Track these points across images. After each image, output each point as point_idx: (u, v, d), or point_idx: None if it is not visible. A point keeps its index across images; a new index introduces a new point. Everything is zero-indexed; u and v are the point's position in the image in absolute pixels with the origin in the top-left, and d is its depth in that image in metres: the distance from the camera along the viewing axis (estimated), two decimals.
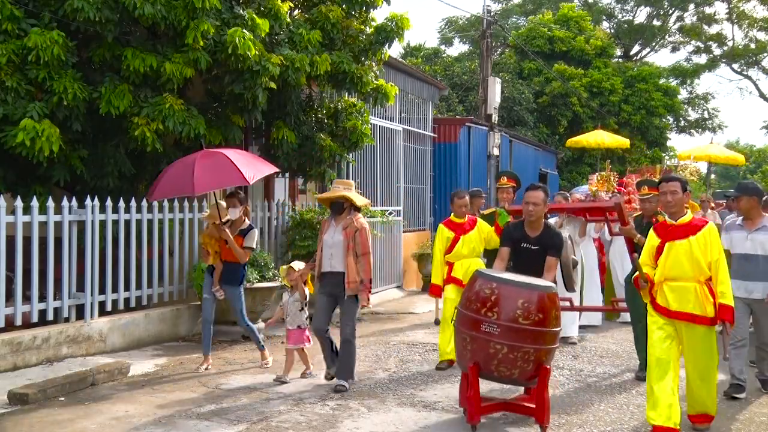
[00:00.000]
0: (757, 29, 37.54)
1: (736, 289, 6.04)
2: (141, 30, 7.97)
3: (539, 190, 5.85)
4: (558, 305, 5.09)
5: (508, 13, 37.86)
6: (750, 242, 6.44)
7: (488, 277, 5.09)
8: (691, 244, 5.19)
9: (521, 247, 5.86)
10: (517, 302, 4.89)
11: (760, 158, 53.79)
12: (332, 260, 6.51)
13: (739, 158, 18.77)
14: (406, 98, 14.59)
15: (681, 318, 5.21)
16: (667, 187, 5.35)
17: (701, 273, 5.21)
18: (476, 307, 4.97)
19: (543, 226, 5.87)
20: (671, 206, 5.32)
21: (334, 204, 6.59)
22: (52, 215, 7.24)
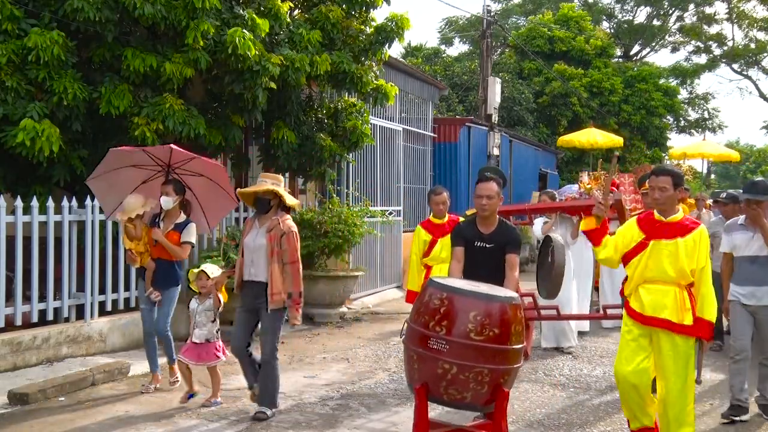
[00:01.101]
0: (757, 29, 37.54)
1: (741, 296, 5.76)
2: (141, 30, 7.97)
3: (492, 182, 5.28)
4: (520, 319, 4.37)
5: (508, 13, 37.85)
6: (757, 243, 5.79)
7: (439, 285, 4.38)
8: (679, 246, 4.63)
9: (475, 246, 5.26)
10: (469, 315, 4.19)
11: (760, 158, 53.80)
12: (253, 267, 5.58)
13: (733, 155, 18.70)
14: (406, 98, 14.59)
15: (655, 324, 4.65)
16: (656, 182, 4.72)
17: (683, 277, 4.66)
18: (424, 320, 4.28)
19: (497, 221, 5.30)
20: (659, 204, 4.72)
21: (259, 201, 5.66)
22: (52, 215, 7.24)
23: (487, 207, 5.19)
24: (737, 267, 5.90)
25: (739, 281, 5.85)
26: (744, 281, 5.82)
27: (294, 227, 5.62)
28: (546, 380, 7.03)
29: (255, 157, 10.24)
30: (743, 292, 5.79)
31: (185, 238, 6.24)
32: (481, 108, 18.06)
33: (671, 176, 4.71)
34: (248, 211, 9.77)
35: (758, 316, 5.77)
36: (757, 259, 5.78)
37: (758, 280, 5.75)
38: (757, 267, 5.76)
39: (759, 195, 5.74)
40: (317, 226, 9.87)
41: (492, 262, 5.17)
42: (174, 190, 6.15)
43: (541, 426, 5.62)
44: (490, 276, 4.90)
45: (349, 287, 10.46)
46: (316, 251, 9.97)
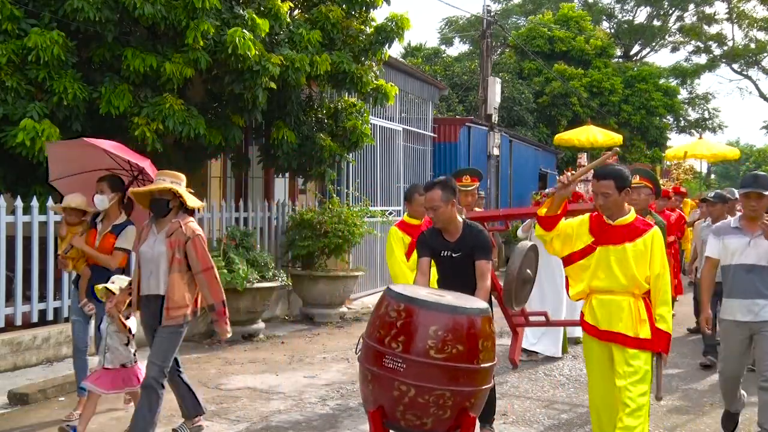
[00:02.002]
0: (757, 29, 37.55)
1: (737, 311, 5.03)
2: (141, 30, 7.97)
3: (435, 188, 4.65)
4: (490, 333, 3.83)
5: (508, 13, 37.86)
6: (753, 249, 5.02)
7: (396, 295, 3.82)
8: (627, 251, 4.23)
9: (442, 256, 4.75)
10: (429, 329, 3.66)
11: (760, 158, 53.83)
12: (152, 279, 4.80)
13: (729, 153, 18.61)
14: (406, 98, 14.60)
15: (610, 339, 4.28)
16: (597, 186, 4.29)
17: (636, 286, 4.25)
18: (379, 335, 3.76)
19: (462, 226, 4.74)
20: (604, 210, 4.32)
21: (155, 202, 4.83)
22: (52, 215, 7.24)
23: (438, 218, 4.68)
24: (730, 277, 5.11)
25: (733, 293, 5.08)
26: (739, 294, 5.03)
27: (199, 230, 4.84)
28: (546, 380, 7.03)
29: (255, 157, 10.24)
30: (738, 307, 5.03)
31: (119, 243, 5.37)
32: (481, 108, 18.06)
33: (614, 179, 4.25)
34: (248, 210, 9.78)
35: (756, 333, 5.00)
36: (754, 269, 5.01)
37: (756, 292, 4.99)
38: (755, 277, 4.99)
39: (761, 188, 4.98)
40: (317, 226, 9.87)
41: (462, 272, 4.67)
42: (110, 187, 5.32)
43: (541, 426, 5.62)
44: (463, 288, 4.43)
45: (349, 287, 10.46)
46: (316, 251, 9.98)
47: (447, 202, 4.63)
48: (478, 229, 4.77)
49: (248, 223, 9.69)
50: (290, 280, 9.71)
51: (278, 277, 8.97)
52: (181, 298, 4.74)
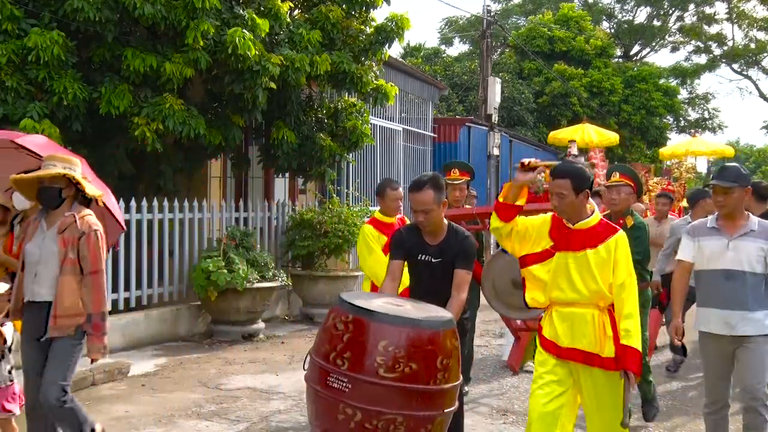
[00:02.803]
0: (757, 29, 37.57)
1: (712, 322, 4.38)
2: (141, 30, 7.97)
3: (426, 189, 4.05)
4: (452, 349, 3.34)
5: (508, 13, 37.87)
6: (732, 253, 4.34)
7: (346, 304, 3.34)
8: (588, 258, 3.76)
9: (418, 259, 4.17)
10: (378, 344, 3.18)
11: (760, 158, 53.85)
12: (37, 284, 4.11)
13: (726, 150, 18.56)
14: (406, 98, 14.60)
15: (573, 358, 3.80)
16: (553, 185, 3.83)
17: (601, 297, 3.77)
18: (325, 350, 3.29)
19: (446, 229, 4.19)
20: (560, 212, 3.86)
21: (44, 192, 4.12)
22: None
23: (425, 223, 4.10)
24: (705, 284, 4.46)
25: (708, 302, 4.43)
26: (715, 303, 4.37)
27: (98, 225, 4.15)
28: None
29: (255, 157, 10.24)
30: (714, 318, 4.38)
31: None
32: (481, 108, 18.06)
33: (571, 179, 3.78)
34: (248, 210, 9.78)
35: (737, 348, 4.34)
36: (733, 275, 4.33)
37: (734, 302, 4.31)
38: (733, 285, 4.32)
39: (726, 181, 4.37)
40: (317, 226, 9.87)
41: (439, 280, 4.13)
42: None
43: None
44: (436, 298, 3.95)
45: (349, 287, 10.46)
46: (316, 251, 9.98)
47: (439, 204, 4.09)
48: (464, 235, 4.21)
49: (248, 223, 9.70)
50: (290, 280, 9.71)
51: (278, 277, 8.97)
52: (74, 305, 4.05)
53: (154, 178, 8.71)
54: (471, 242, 4.21)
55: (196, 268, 8.42)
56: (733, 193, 4.34)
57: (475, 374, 6.99)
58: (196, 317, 8.74)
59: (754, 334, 4.28)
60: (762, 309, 4.32)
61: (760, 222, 4.43)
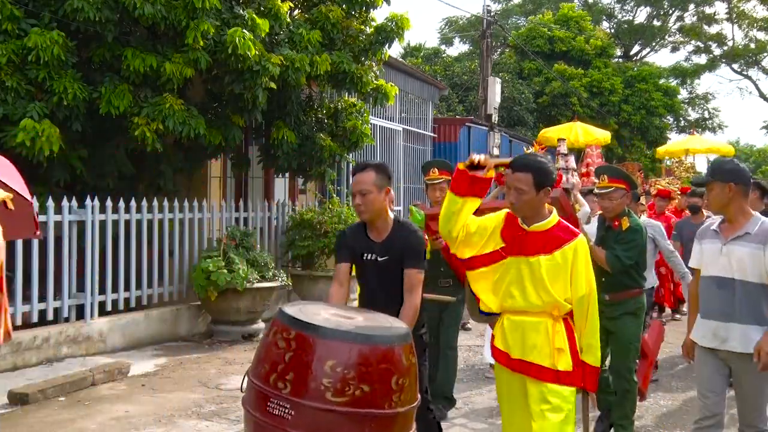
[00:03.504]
0: (757, 29, 37.57)
1: (703, 334, 4.01)
2: (141, 30, 7.97)
3: (368, 170, 3.77)
4: (409, 367, 2.93)
5: (508, 13, 37.88)
6: (725, 258, 3.92)
7: (287, 318, 2.92)
8: (540, 265, 3.44)
9: (364, 260, 3.84)
10: (324, 364, 2.80)
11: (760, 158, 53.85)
12: None
13: (723, 148, 18.48)
14: (406, 98, 14.60)
15: (523, 370, 3.49)
16: (511, 179, 3.47)
17: (555, 306, 3.46)
18: (264, 371, 2.89)
19: (392, 223, 3.84)
20: (515, 210, 3.52)
21: None
22: (52, 215, 7.24)
23: (362, 206, 3.74)
24: (702, 292, 4.11)
25: (702, 312, 4.08)
26: (707, 313, 4.01)
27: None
28: None
29: (255, 157, 10.24)
30: (704, 329, 4.01)
31: None
32: (481, 108, 18.07)
33: (533, 173, 3.43)
34: (248, 210, 9.78)
35: (732, 366, 3.95)
36: (723, 283, 3.92)
37: (723, 313, 3.90)
38: (724, 294, 3.91)
39: (711, 177, 4.03)
40: (317, 226, 9.87)
41: (389, 282, 3.77)
42: None
43: None
44: (389, 302, 3.62)
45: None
46: (316, 251, 9.97)
47: (380, 189, 3.75)
48: (411, 229, 3.85)
49: (248, 223, 9.69)
50: (290, 280, 9.71)
51: (278, 277, 8.97)
52: None
53: (154, 178, 8.71)
54: (419, 236, 3.83)
55: (196, 268, 8.42)
56: (711, 189, 3.95)
57: (476, 375, 6.98)
58: (196, 317, 8.74)
59: (744, 352, 3.82)
60: (756, 323, 3.82)
61: (763, 223, 3.89)
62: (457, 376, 5.98)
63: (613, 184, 5.02)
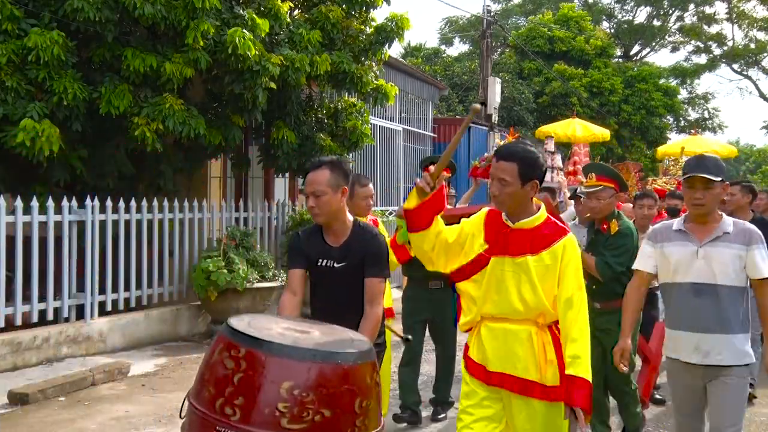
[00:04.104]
0: (757, 29, 37.56)
1: (681, 348, 3.57)
2: (141, 30, 7.97)
3: (322, 169, 3.43)
4: (373, 387, 2.57)
5: (508, 13, 37.87)
6: (703, 261, 3.50)
7: (235, 333, 2.51)
8: (528, 266, 3.09)
9: (319, 266, 3.50)
10: (279, 387, 2.41)
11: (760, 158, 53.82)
12: None
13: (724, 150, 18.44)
14: (406, 98, 14.60)
15: (503, 384, 3.14)
16: (495, 169, 3.12)
17: (541, 312, 3.11)
18: (209, 395, 2.48)
19: (351, 226, 3.52)
20: (499, 204, 3.16)
21: None
22: (52, 215, 7.24)
23: (317, 210, 3.45)
24: (673, 301, 3.63)
25: (676, 323, 3.62)
26: (685, 324, 3.56)
27: None
28: None
29: (255, 157, 10.25)
30: (684, 343, 3.56)
31: None
32: (481, 108, 18.08)
33: (518, 162, 3.08)
34: (248, 210, 9.79)
35: (708, 381, 3.54)
36: (703, 290, 3.50)
37: (706, 323, 3.49)
38: (704, 301, 3.50)
39: (707, 172, 3.48)
40: None
41: (347, 292, 3.43)
42: None
43: None
44: (346, 314, 3.29)
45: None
46: None
47: (336, 189, 3.42)
48: (372, 233, 3.50)
49: (248, 223, 9.70)
50: None
51: (278, 277, 8.97)
52: None
53: (154, 178, 8.71)
54: (380, 241, 3.50)
55: (196, 268, 8.42)
56: (714, 188, 3.49)
57: None
58: (196, 317, 8.74)
59: (732, 364, 3.46)
60: (742, 331, 3.51)
61: (736, 222, 3.60)
62: (456, 377, 5.97)
63: (601, 183, 4.71)
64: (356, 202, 4.99)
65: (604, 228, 4.67)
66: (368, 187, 5.10)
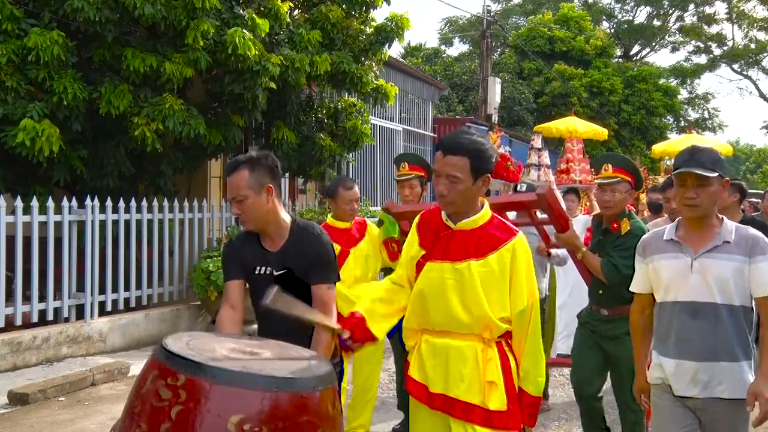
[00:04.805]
0: (757, 29, 37.59)
1: (675, 379, 2.98)
2: (141, 30, 7.98)
3: (240, 169, 2.96)
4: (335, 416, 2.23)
5: (508, 13, 37.88)
6: (698, 277, 2.94)
7: (172, 356, 2.09)
8: (471, 272, 2.70)
9: (256, 274, 3.06)
10: (228, 421, 2.00)
11: (760, 158, 53.84)
12: None
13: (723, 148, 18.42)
14: (406, 98, 14.61)
15: (446, 408, 2.77)
16: (442, 165, 2.71)
17: (486, 325, 2.73)
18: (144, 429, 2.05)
19: (289, 227, 3.06)
20: (446, 204, 2.76)
21: None
22: (52, 215, 7.24)
23: (244, 217, 3.05)
24: (664, 323, 3.05)
25: (668, 350, 3.02)
26: (678, 351, 2.98)
27: None
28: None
29: None
30: (677, 373, 2.98)
31: None
32: (481, 108, 18.08)
33: (469, 156, 2.68)
34: None
35: (705, 416, 2.97)
36: (701, 310, 2.93)
37: (705, 350, 2.92)
38: (703, 325, 2.93)
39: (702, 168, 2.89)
40: None
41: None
42: None
43: (540, 426, 5.62)
44: (291, 329, 2.82)
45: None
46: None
47: (259, 190, 2.97)
48: (314, 233, 3.05)
49: None
50: None
51: None
52: None
53: (154, 178, 8.71)
54: (324, 241, 3.05)
55: (196, 268, 8.42)
56: (710, 186, 2.91)
57: None
58: (196, 317, 8.73)
59: (735, 397, 2.91)
60: (745, 358, 2.94)
61: (738, 229, 2.98)
62: None
63: (618, 175, 4.19)
64: (340, 205, 4.84)
65: (614, 227, 4.19)
66: (353, 190, 4.85)
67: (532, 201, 4.37)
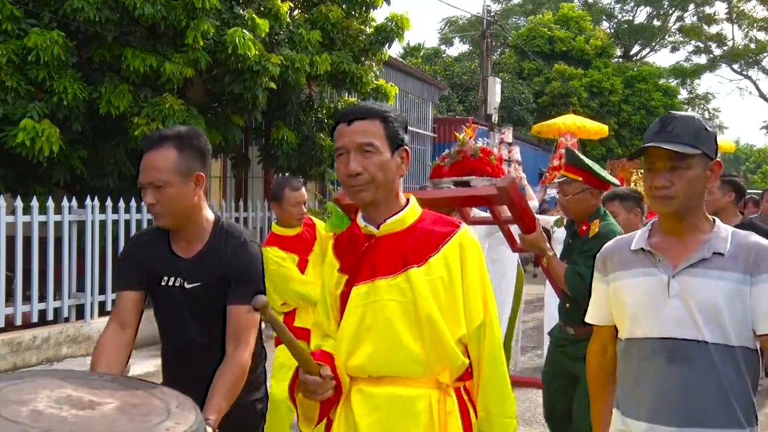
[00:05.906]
0: (757, 29, 37.59)
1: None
2: (141, 30, 7.98)
3: (166, 147, 2.31)
4: None
5: (508, 13, 37.88)
6: (678, 302, 2.01)
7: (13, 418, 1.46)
8: (415, 282, 1.98)
9: (161, 286, 2.44)
10: None
11: (760, 158, 53.84)
12: None
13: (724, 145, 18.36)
14: (406, 98, 14.61)
15: None
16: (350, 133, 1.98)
17: (443, 364, 2.00)
18: None
19: (211, 229, 2.45)
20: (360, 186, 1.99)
21: None
22: (52, 215, 7.24)
23: (158, 208, 2.34)
24: (630, 368, 2.16)
25: (635, 410, 2.12)
26: (648, 412, 2.08)
27: None
28: None
29: (255, 157, 10.25)
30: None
31: None
32: (481, 108, 18.08)
33: (381, 120, 2.00)
34: (248, 210, 9.79)
35: None
36: (682, 350, 2.02)
37: (686, 411, 2.01)
38: (683, 372, 2.02)
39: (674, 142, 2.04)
40: None
41: (203, 324, 2.42)
42: None
43: (540, 426, 5.61)
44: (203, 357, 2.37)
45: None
46: None
47: (187, 177, 2.34)
48: (242, 239, 2.44)
49: (248, 223, 9.70)
50: None
51: None
52: None
53: None
54: (253, 253, 2.43)
55: None
56: (689, 168, 2.05)
57: None
58: None
59: None
60: (748, 425, 2.02)
61: (736, 236, 2.08)
62: None
63: (566, 174, 3.74)
64: (287, 209, 4.31)
65: (582, 230, 3.66)
66: (300, 191, 4.31)
67: (492, 195, 3.86)
